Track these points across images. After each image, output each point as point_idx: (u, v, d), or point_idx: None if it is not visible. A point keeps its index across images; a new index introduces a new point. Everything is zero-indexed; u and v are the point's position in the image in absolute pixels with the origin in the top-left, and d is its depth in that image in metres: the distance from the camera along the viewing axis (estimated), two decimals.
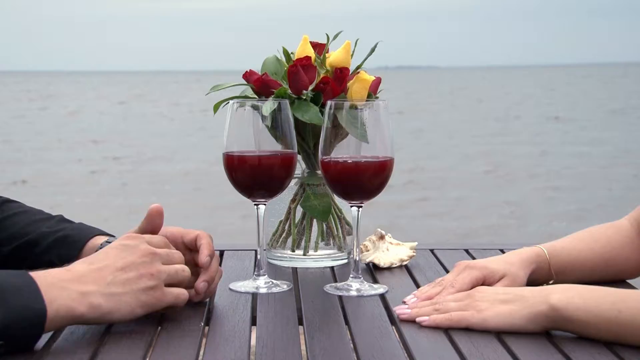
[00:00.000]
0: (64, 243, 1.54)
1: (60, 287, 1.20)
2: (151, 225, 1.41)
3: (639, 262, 1.59)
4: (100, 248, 1.50)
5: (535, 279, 1.51)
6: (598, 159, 13.48)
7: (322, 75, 1.66)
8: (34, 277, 1.20)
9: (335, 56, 1.68)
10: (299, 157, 1.68)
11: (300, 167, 1.70)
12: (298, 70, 1.64)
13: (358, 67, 1.71)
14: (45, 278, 1.20)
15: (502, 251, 1.74)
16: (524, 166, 12.62)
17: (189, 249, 1.44)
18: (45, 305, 1.17)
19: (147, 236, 1.34)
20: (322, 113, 1.58)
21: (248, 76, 1.67)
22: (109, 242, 1.52)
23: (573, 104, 28.68)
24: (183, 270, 1.33)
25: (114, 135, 17.80)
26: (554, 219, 8.58)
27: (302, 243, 1.72)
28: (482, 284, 1.42)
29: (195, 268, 1.41)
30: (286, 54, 1.72)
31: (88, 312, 1.21)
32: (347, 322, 1.33)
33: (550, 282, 1.52)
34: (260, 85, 1.65)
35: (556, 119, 21.83)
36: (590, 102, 29.95)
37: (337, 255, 1.73)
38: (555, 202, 9.61)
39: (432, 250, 1.85)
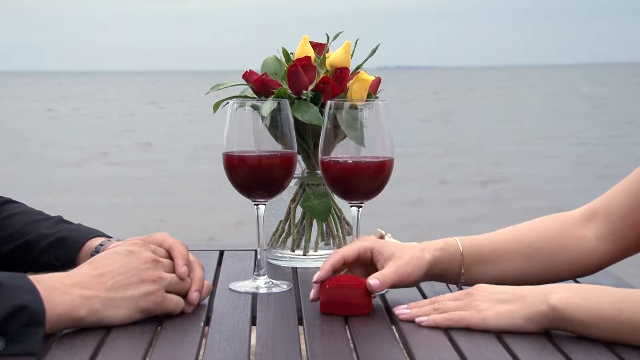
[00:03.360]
0: (62, 244, 1.55)
1: (62, 291, 1.23)
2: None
3: (578, 253, 1.51)
4: (97, 249, 1.51)
5: (445, 268, 1.45)
6: None
7: (322, 75, 1.66)
8: (35, 280, 1.22)
9: (335, 56, 1.68)
10: (299, 157, 1.68)
11: (300, 167, 1.69)
12: (298, 70, 1.64)
13: (358, 68, 1.70)
14: (47, 282, 1.23)
15: None
16: None
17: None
18: (44, 307, 1.19)
19: (152, 246, 1.37)
20: (322, 113, 1.58)
21: (248, 76, 1.67)
22: (105, 244, 1.52)
23: None
24: (185, 280, 1.36)
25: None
26: None
27: (302, 243, 1.71)
28: (371, 257, 1.41)
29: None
30: (286, 54, 1.72)
31: (87, 316, 1.24)
32: (347, 322, 1.33)
33: (462, 272, 1.46)
34: (260, 85, 1.65)
35: None
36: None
37: None
38: None
39: None
